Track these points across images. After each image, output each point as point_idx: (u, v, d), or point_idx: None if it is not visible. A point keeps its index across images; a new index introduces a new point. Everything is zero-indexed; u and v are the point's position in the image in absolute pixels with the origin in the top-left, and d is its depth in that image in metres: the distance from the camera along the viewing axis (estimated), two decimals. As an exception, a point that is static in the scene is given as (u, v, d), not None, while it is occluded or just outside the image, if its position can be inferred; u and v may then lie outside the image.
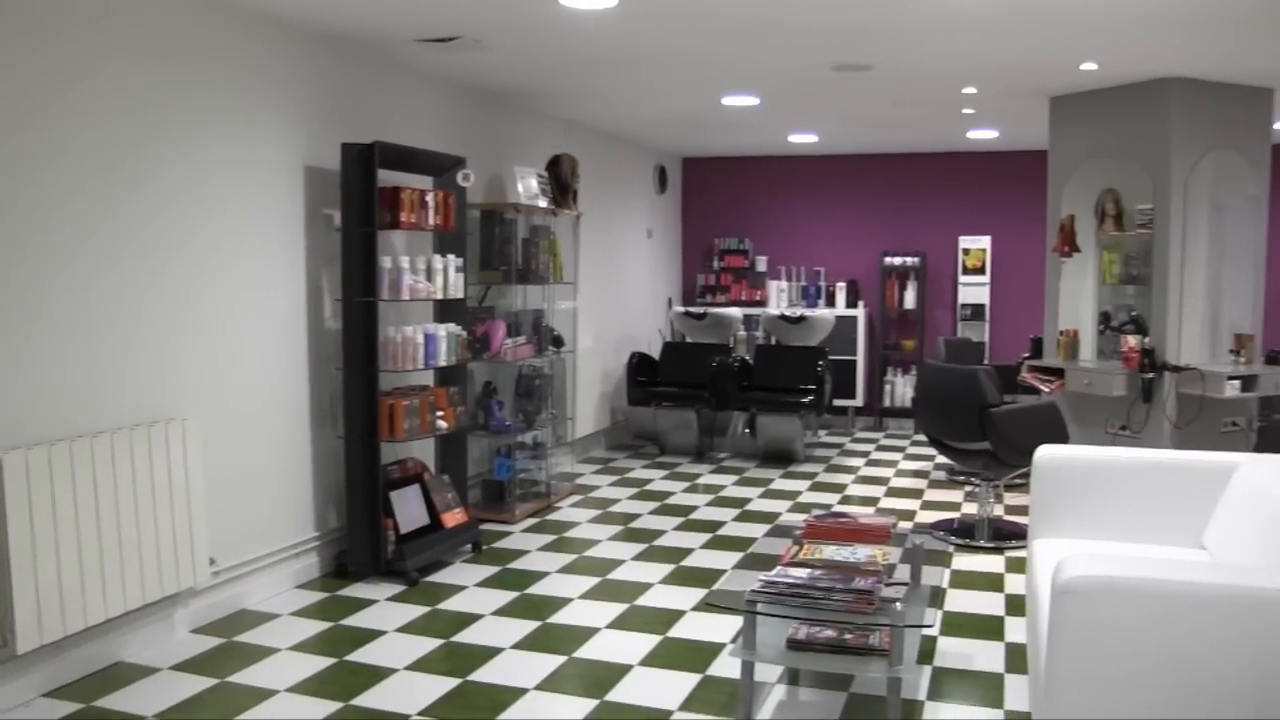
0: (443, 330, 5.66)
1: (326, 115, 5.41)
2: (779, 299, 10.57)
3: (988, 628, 4.70)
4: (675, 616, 4.83)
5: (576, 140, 8.37)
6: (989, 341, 10.10)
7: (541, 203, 6.96)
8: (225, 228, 4.75)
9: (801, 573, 3.59)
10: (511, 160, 7.24)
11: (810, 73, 6.30)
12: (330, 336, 5.45)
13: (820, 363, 8.69)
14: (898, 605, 3.50)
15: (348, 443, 5.34)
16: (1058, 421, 5.97)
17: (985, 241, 10.14)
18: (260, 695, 3.90)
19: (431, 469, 5.94)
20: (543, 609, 4.93)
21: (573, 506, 7.02)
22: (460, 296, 5.86)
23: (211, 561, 4.58)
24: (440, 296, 5.67)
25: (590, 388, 8.85)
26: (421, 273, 5.51)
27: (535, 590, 5.22)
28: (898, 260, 10.34)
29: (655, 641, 4.51)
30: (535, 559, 5.77)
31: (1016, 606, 4.98)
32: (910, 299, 10.33)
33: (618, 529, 6.44)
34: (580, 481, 7.78)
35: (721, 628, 4.64)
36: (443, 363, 5.69)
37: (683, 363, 9.13)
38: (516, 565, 5.64)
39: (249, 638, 4.50)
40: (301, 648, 4.39)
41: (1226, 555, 3.44)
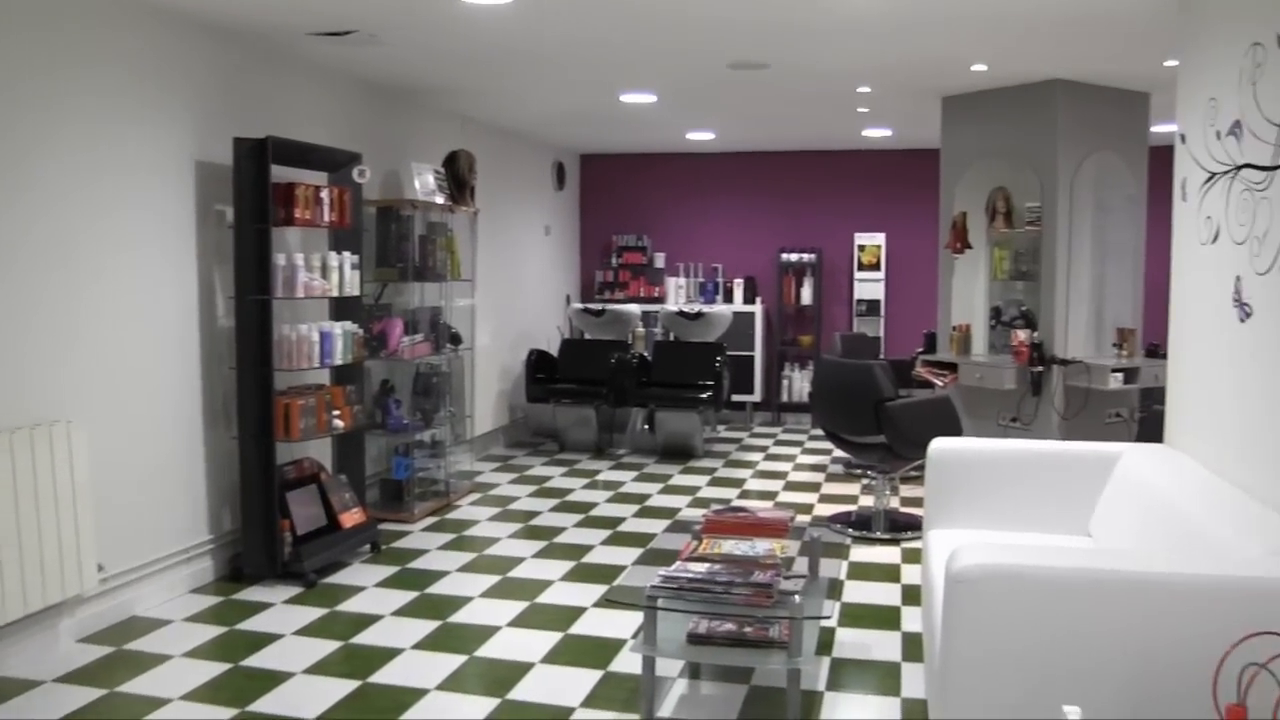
0: (339, 328, 5.60)
1: (218, 110, 5.30)
2: (677, 295, 10.64)
3: (885, 618, 4.80)
4: (576, 613, 4.85)
5: (474, 137, 8.32)
6: (884, 336, 10.30)
7: (438, 199, 6.90)
8: (113, 225, 4.62)
9: (701, 567, 3.63)
10: (408, 156, 7.17)
11: (707, 71, 6.36)
12: (223, 335, 5.34)
13: (718, 359, 8.77)
14: (796, 598, 3.56)
15: (242, 443, 5.24)
16: (951, 415, 6.12)
17: (880, 238, 10.33)
18: (152, 704, 3.80)
19: (328, 469, 5.86)
20: (443, 608, 4.90)
21: (472, 505, 6.99)
22: (356, 294, 5.79)
23: (100, 568, 4.46)
24: (336, 294, 5.60)
25: (489, 385, 8.81)
26: (317, 270, 5.44)
27: (435, 590, 5.19)
28: (794, 257, 10.48)
29: (556, 639, 4.52)
30: (435, 558, 5.73)
31: (912, 596, 5.10)
32: (807, 295, 10.48)
33: (517, 527, 6.43)
34: (479, 479, 7.75)
35: (622, 624, 4.66)
36: (339, 361, 5.63)
37: (581, 359, 9.14)
38: (416, 565, 5.60)
39: (140, 645, 4.39)
40: (195, 654, 4.30)
41: (1109, 541, 3.58)
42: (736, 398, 10.07)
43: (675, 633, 3.76)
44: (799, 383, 10.56)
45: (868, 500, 7.05)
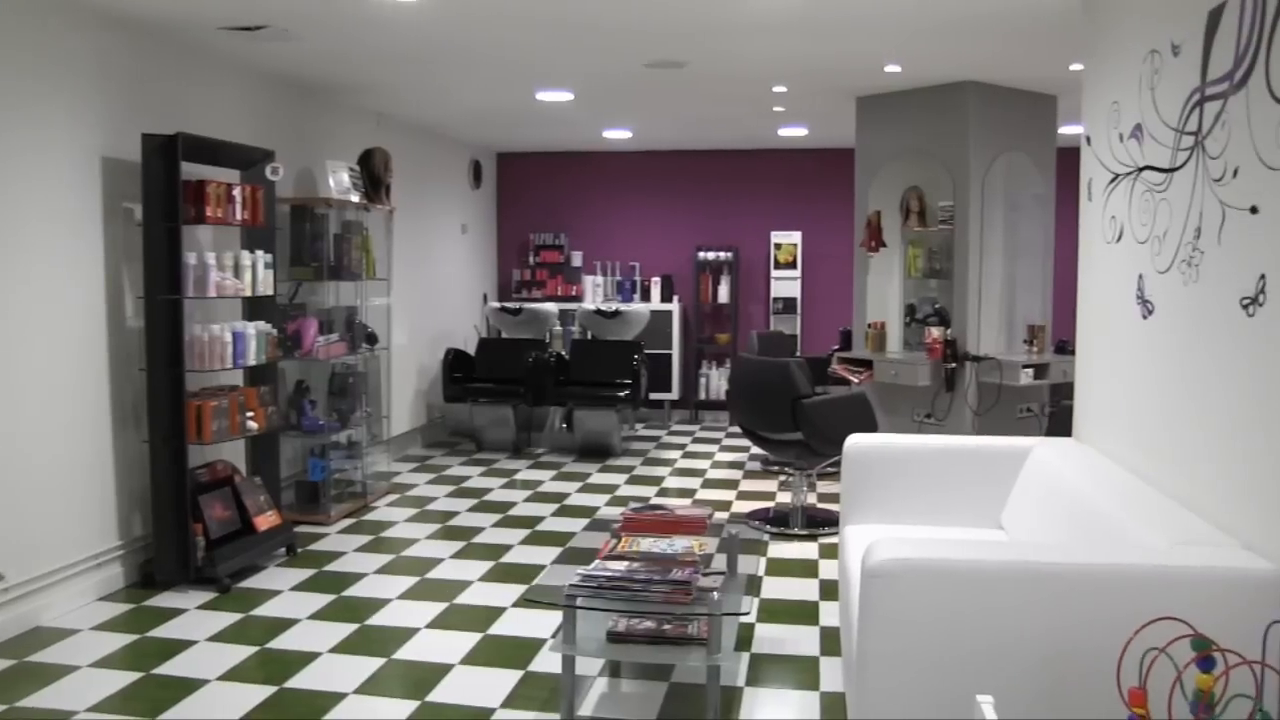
0: (252, 328, 5.51)
1: (126, 105, 5.18)
2: (595, 294, 10.65)
3: (803, 613, 4.86)
4: (495, 614, 4.83)
5: (389, 134, 8.23)
6: (800, 334, 10.41)
7: (353, 197, 6.83)
8: (13, 223, 4.49)
9: (620, 566, 3.64)
10: (322, 154, 7.07)
11: (624, 69, 6.38)
12: (133, 335, 5.22)
13: (636, 357, 8.79)
14: (715, 595, 3.59)
15: (153, 446, 5.13)
16: (867, 411, 6.20)
17: (796, 236, 10.44)
18: (57, 718, 3.70)
19: (242, 471, 5.76)
20: (361, 611, 4.85)
21: (390, 506, 6.92)
22: (270, 293, 5.71)
23: (1, 577, 4.33)
24: (249, 294, 5.51)
25: (405, 385, 8.73)
26: (229, 269, 5.35)
27: (352, 592, 5.13)
28: (711, 255, 10.54)
29: (476, 639, 4.50)
30: (352, 560, 5.67)
31: (830, 591, 5.16)
32: (724, 293, 10.55)
33: (436, 527, 6.38)
34: (397, 480, 7.68)
35: (542, 623, 4.66)
36: (252, 362, 5.54)
37: (499, 359, 9.10)
38: (333, 567, 5.53)
39: (44, 656, 4.26)
40: (104, 663, 4.19)
41: (1020, 533, 3.66)
42: (654, 396, 10.11)
43: (595, 631, 3.76)
44: (716, 381, 10.64)
45: (785, 497, 7.13)
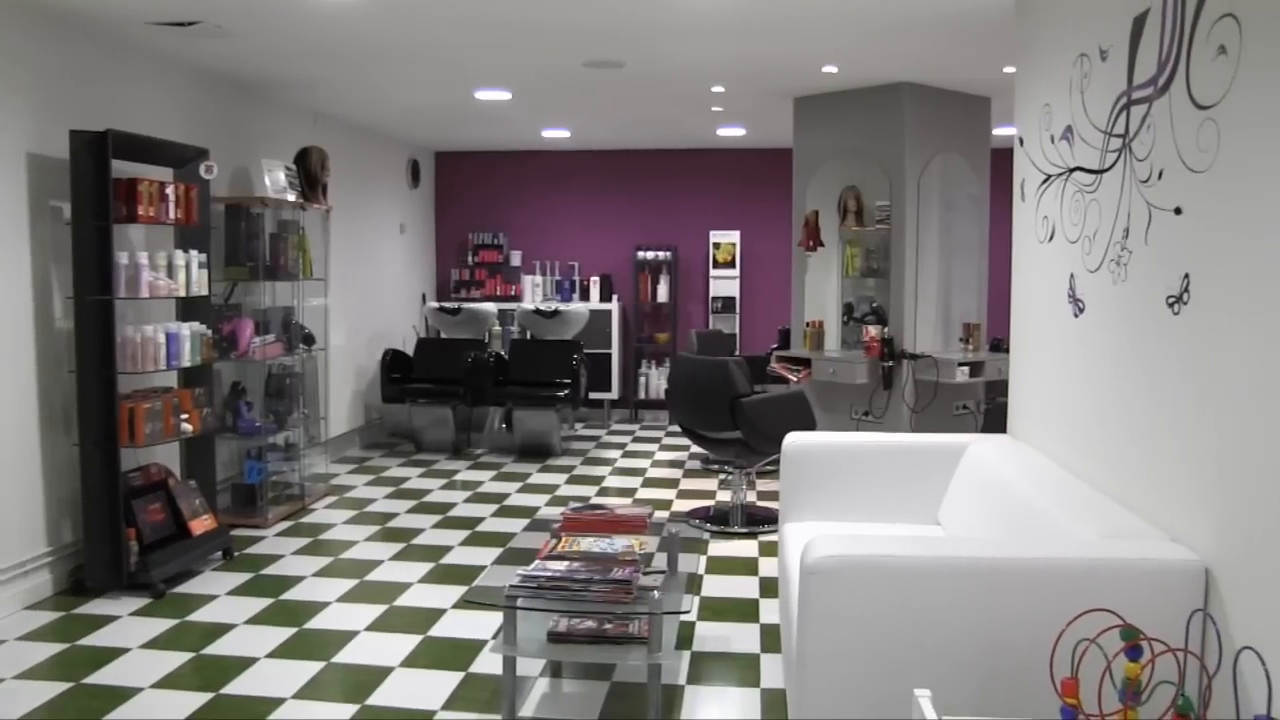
0: (186, 329, 5.43)
1: (53, 100, 5.07)
2: (534, 294, 10.62)
3: (743, 610, 4.89)
4: (436, 615, 4.80)
5: (326, 133, 8.15)
6: (739, 333, 10.47)
7: (290, 196, 6.75)
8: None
9: (560, 565, 3.63)
10: (258, 153, 6.99)
11: (562, 68, 6.37)
12: (62, 337, 5.12)
13: (575, 356, 8.79)
14: (655, 593, 3.60)
15: (84, 450, 5.04)
16: (805, 409, 6.25)
17: (735, 236, 10.50)
18: (-13, 725, 3.64)
19: (177, 474, 5.68)
20: (299, 614, 4.80)
21: (328, 508, 6.86)
22: (205, 294, 5.63)
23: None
24: (183, 294, 5.43)
25: (343, 386, 8.65)
26: (162, 269, 5.27)
27: (290, 596, 5.07)
28: (651, 255, 10.57)
29: (416, 642, 4.47)
30: (290, 563, 5.60)
31: (770, 589, 5.20)
32: (663, 292, 10.58)
33: (375, 529, 6.33)
34: (335, 482, 7.61)
35: (482, 624, 4.64)
36: (187, 363, 5.46)
37: (438, 359, 9.05)
38: (270, 571, 5.47)
39: (-27, 663, 4.18)
40: (32, 674, 4.09)
41: (957, 529, 3.72)
42: (594, 395, 10.11)
43: (536, 632, 3.76)
44: (656, 380, 10.66)
45: (725, 495, 7.16)
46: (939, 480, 4.05)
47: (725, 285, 10.57)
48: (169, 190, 5.28)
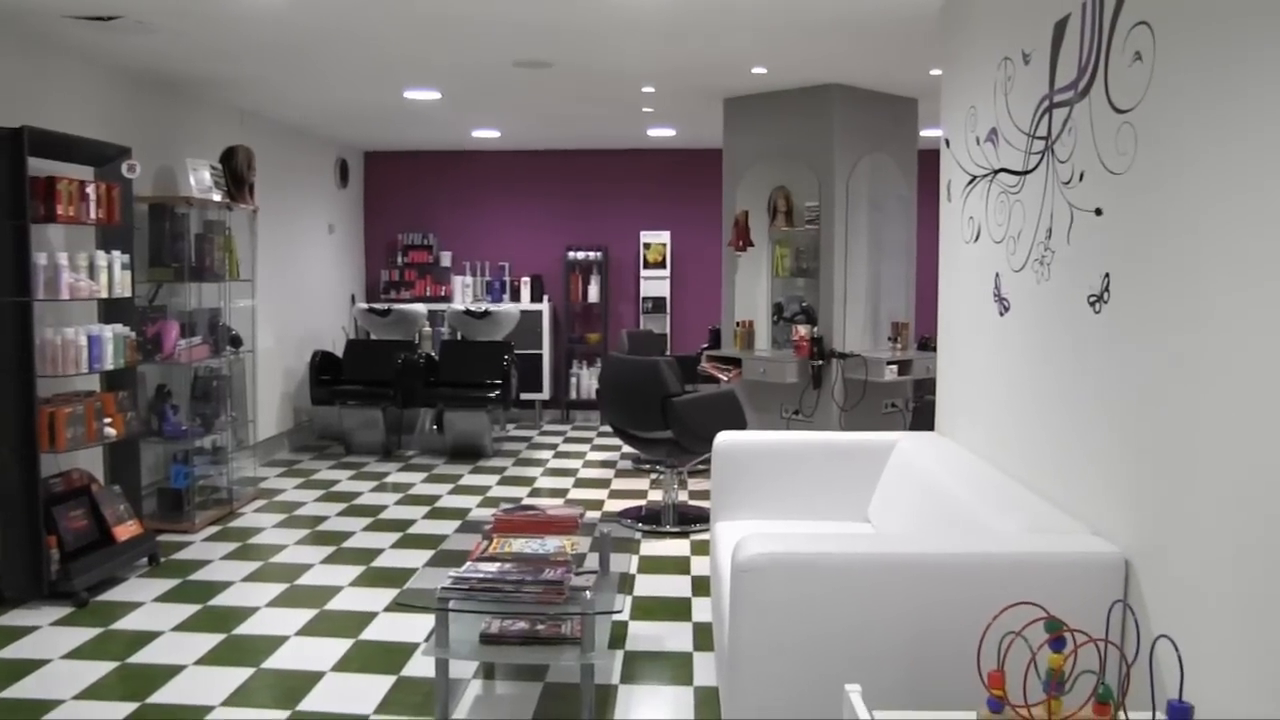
0: (109, 331, 5.32)
1: (-33, 99, 4.96)
2: (464, 294, 10.57)
3: (676, 609, 4.91)
4: (367, 619, 4.76)
5: (253, 131, 8.04)
6: (670, 333, 10.50)
7: (215, 196, 6.65)
8: None
9: (492, 567, 3.62)
10: (183, 151, 6.86)
11: (492, 68, 6.35)
12: (-23, 340, 5.00)
13: (506, 357, 8.76)
14: (587, 593, 3.60)
15: (1, 456, 4.91)
16: (736, 409, 6.29)
17: (665, 236, 10.53)
18: (-98, 739, 3.54)
19: (100, 479, 5.57)
20: (228, 620, 4.73)
21: (257, 512, 6.76)
22: (128, 295, 5.52)
23: None
24: (105, 295, 5.33)
25: (272, 388, 8.54)
26: (83, 270, 5.16)
27: (219, 601, 5.00)
28: (581, 255, 10.56)
29: (347, 646, 4.43)
30: (218, 568, 5.52)
31: (702, 587, 5.22)
32: (594, 293, 10.58)
33: (305, 533, 6.26)
34: (264, 485, 7.50)
35: (414, 627, 4.61)
36: (109, 366, 5.35)
37: (367, 360, 8.96)
38: (198, 576, 5.38)
39: (-114, 676, 4.06)
40: (-49, 682, 4.01)
41: (886, 526, 3.77)
42: (525, 396, 10.07)
43: (468, 634, 3.75)
44: (587, 380, 10.66)
45: (657, 495, 7.18)
46: (868, 478, 4.10)
47: (656, 285, 10.60)
48: (90, 189, 5.17)
